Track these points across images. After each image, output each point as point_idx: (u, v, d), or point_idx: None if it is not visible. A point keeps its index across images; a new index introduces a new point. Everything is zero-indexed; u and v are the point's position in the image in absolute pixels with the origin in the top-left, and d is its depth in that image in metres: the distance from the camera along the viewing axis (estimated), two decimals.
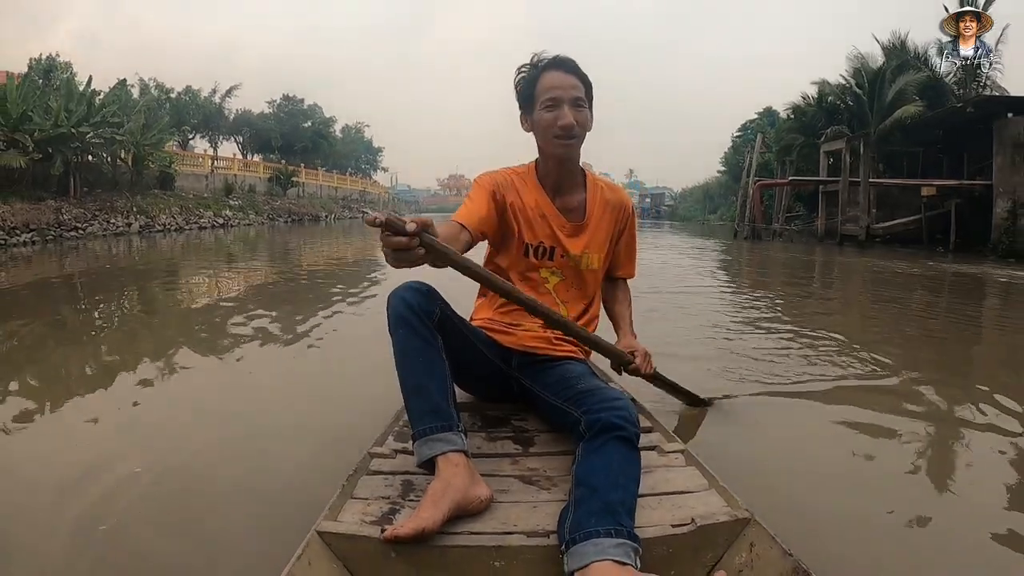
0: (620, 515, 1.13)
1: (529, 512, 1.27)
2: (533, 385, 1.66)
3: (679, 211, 54.42)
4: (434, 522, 1.13)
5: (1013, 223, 13.11)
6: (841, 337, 4.07)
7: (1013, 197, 13.17)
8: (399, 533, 1.10)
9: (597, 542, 1.07)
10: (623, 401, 1.35)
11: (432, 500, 1.18)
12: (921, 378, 3.20)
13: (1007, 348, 4.35)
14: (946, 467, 2.14)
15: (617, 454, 1.24)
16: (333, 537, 1.14)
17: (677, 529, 1.18)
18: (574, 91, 1.59)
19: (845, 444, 2.25)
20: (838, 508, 1.73)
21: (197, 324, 4.69)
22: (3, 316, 5.00)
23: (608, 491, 1.16)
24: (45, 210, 15.38)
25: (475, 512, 1.23)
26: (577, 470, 1.25)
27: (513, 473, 1.44)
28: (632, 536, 1.11)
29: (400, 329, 1.41)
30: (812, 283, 8.88)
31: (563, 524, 1.15)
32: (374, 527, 1.16)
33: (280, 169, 32.51)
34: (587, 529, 1.09)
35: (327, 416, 2.49)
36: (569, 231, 1.71)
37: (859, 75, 18.75)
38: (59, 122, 16.11)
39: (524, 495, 1.35)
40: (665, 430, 1.72)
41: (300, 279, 8.01)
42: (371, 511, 1.25)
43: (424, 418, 1.34)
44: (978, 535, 1.59)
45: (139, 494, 1.77)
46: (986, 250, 13.38)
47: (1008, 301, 7.29)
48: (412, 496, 1.31)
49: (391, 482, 1.37)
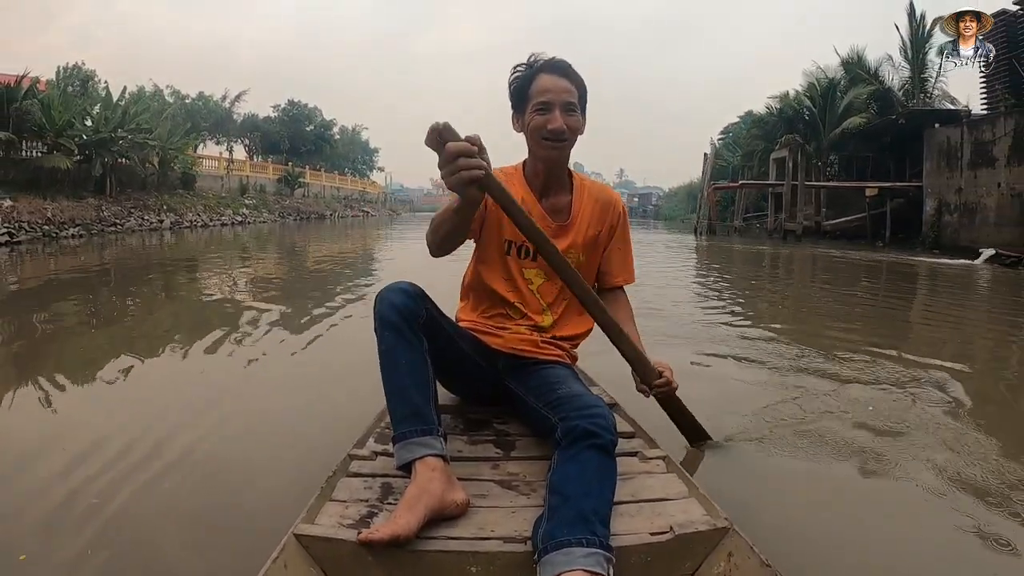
0: (593, 524, 1.11)
1: (507, 517, 1.26)
2: (517, 388, 1.65)
3: (663, 211, 56.79)
4: (409, 528, 1.12)
5: (938, 219, 15.22)
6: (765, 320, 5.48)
7: (939, 197, 15.28)
8: (373, 538, 1.09)
9: (568, 551, 1.06)
10: (600, 408, 1.33)
11: (408, 505, 1.18)
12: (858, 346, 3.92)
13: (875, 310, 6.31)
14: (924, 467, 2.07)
15: (592, 462, 1.22)
16: (310, 540, 1.13)
17: (655, 537, 1.17)
18: (566, 95, 1.58)
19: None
20: (816, 517, 1.77)
21: (246, 303, 5.54)
22: (64, 295, 6.21)
23: (581, 500, 1.15)
24: (87, 207, 17.16)
25: (452, 517, 1.23)
26: (552, 477, 1.23)
27: (493, 477, 1.43)
28: (605, 546, 1.09)
29: (385, 331, 1.41)
30: (734, 266, 11.32)
31: (536, 533, 1.14)
32: (351, 530, 1.15)
33: (288, 170, 34.58)
34: (559, 539, 1.09)
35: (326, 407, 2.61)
36: (553, 231, 1.68)
37: (813, 88, 20.91)
38: (99, 128, 17.99)
39: (502, 500, 1.33)
40: (647, 436, 1.70)
41: (327, 267, 10.03)
42: (349, 514, 1.23)
43: (405, 421, 1.34)
44: (958, 537, 1.62)
45: (113, 485, 1.77)
46: (916, 243, 15.49)
47: (890, 280, 9.49)
48: (391, 499, 1.30)
49: (370, 484, 1.36)
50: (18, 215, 14.44)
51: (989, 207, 13.43)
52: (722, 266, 11.32)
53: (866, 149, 20.11)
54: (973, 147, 14.11)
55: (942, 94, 20.78)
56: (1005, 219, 12.84)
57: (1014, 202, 12.61)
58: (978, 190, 13.81)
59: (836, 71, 21.40)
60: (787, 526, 1.65)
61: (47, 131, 16.68)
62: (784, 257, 13.43)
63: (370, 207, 48.17)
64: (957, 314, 6.18)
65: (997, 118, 13.60)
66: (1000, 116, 13.51)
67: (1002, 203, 12.99)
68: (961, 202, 14.44)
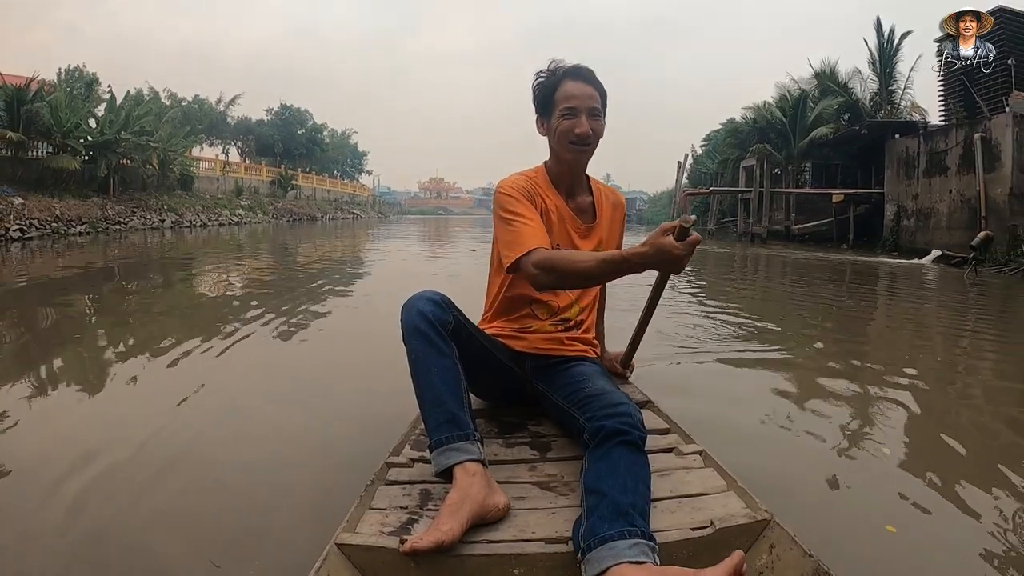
0: (632, 517, 1.13)
1: (547, 519, 1.26)
2: (546, 388, 1.67)
3: (646, 215, 58.65)
4: (452, 534, 1.13)
5: (897, 224, 16.38)
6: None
7: (898, 203, 16.43)
8: (418, 546, 1.09)
9: (612, 546, 1.08)
10: (625, 406, 1.35)
11: (450, 511, 1.18)
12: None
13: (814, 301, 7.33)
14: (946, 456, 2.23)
15: (623, 458, 1.24)
16: (352, 548, 1.14)
17: (696, 532, 1.18)
18: (591, 101, 1.63)
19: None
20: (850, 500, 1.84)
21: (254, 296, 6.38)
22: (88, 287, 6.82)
23: (617, 495, 1.16)
24: (92, 206, 17.84)
25: (493, 521, 1.23)
26: (585, 478, 1.25)
27: (531, 479, 1.44)
28: (647, 535, 1.11)
29: (414, 339, 1.42)
30: (707, 264, 12.29)
31: (577, 533, 1.15)
32: (392, 538, 1.17)
33: (281, 173, 35.43)
34: (600, 535, 1.10)
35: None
36: (582, 232, 1.74)
37: (785, 100, 22.13)
38: (104, 130, 18.73)
39: (542, 501, 1.34)
40: (683, 431, 1.71)
41: (333, 265, 10.94)
42: (389, 521, 1.24)
43: (441, 428, 1.35)
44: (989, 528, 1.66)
45: (139, 491, 1.77)
46: (878, 245, 16.62)
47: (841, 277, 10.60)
48: (430, 505, 1.31)
49: (409, 491, 1.37)
50: (29, 212, 15.15)
51: (942, 212, 14.57)
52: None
53: (837, 157, 21.32)
54: (928, 156, 15.28)
55: (911, 105, 22.06)
56: (955, 223, 13.97)
57: (963, 207, 13.75)
58: (932, 196, 14.96)
59: (810, 83, 22.66)
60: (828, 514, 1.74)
61: (55, 133, 17.39)
62: (749, 256, 14.66)
63: (359, 209, 48.99)
64: (905, 304, 7.34)
65: (950, 129, 14.72)
66: (952, 128, 14.63)
67: (953, 208, 14.14)
68: (917, 207, 15.59)
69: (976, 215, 12.98)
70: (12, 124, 16.48)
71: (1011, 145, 12.39)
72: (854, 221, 17.96)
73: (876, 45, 20.76)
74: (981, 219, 12.72)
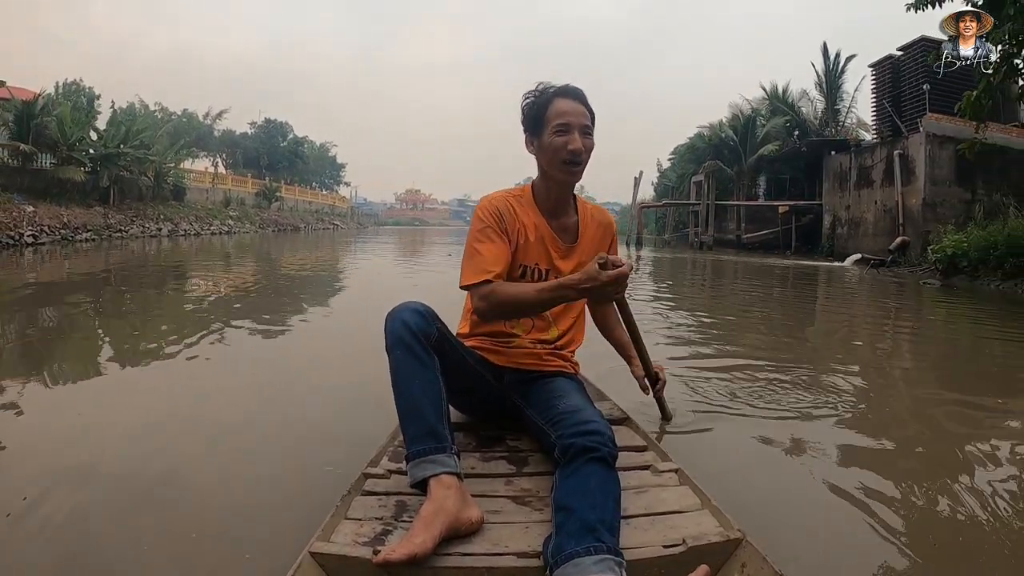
0: (600, 532, 1.13)
1: (521, 533, 1.27)
2: (523, 403, 1.68)
3: (617, 225, 61.45)
4: (425, 546, 1.13)
5: (833, 232, 18.41)
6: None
7: (833, 213, 18.47)
8: (391, 558, 1.09)
9: (578, 562, 1.08)
10: (595, 424, 1.36)
11: (424, 523, 1.18)
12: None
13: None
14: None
15: (593, 475, 1.25)
16: (325, 558, 1.14)
17: (668, 550, 1.18)
18: (583, 119, 1.65)
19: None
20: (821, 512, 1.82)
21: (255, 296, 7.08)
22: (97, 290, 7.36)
23: (586, 511, 1.17)
24: (95, 215, 18.91)
25: (467, 534, 1.24)
26: (555, 495, 1.26)
27: (506, 494, 1.44)
28: (614, 551, 1.11)
29: (396, 350, 1.42)
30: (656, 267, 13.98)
31: (547, 549, 1.16)
32: (366, 548, 1.16)
33: (266, 185, 36.72)
34: (567, 551, 1.10)
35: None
36: (563, 252, 1.75)
37: (736, 119, 24.24)
38: (107, 143, 19.97)
39: (516, 516, 1.35)
40: (659, 449, 1.71)
41: (320, 273, 11.95)
42: (364, 532, 1.24)
43: (418, 439, 1.35)
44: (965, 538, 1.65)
45: (112, 500, 1.74)
46: (816, 251, 18.62)
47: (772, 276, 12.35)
48: (405, 517, 1.31)
49: (385, 503, 1.37)
50: (40, 219, 16.31)
51: (869, 220, 16.54)
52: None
53: (787, 171, 23.39)
54: (858, 171, 17.31)
55: (857, 121, 24.10)
56: (879, 230, 15.92)
57: (885, 216, 15.70)
58: (861, 206, 16.96)
59: (763, 103, 24.77)
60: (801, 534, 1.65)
61: (61, 145, 18.58)
62: (698, 261, 16.51)
63: (339, 220, 50.19)
64: (814, 294, 9.00)
65: (875, 146, 16.75)
66: (878, 145, 16.66)
67: (877, 217, 16.11)
68: (849, 217, 17.60)
69: (896, 223, 14.84)
70: (22, 136, 17.67)
71: (924, 161, 14.17)
72: (800, 230, 19.96)
73: (823, 68, 22.94)
74: (899, 226, 14.60)
